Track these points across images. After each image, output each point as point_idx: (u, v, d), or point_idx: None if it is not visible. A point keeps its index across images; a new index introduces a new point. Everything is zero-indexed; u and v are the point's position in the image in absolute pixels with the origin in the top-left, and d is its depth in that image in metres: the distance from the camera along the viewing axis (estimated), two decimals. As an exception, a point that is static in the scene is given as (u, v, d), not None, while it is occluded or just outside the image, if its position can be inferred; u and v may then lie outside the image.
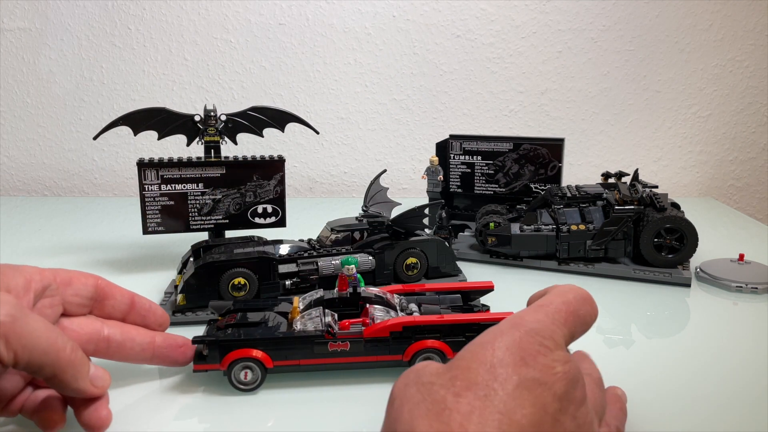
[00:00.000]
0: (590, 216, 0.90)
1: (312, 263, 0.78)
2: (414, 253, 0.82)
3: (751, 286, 0.83)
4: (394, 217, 0.83)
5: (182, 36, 1.34)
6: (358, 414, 0.56)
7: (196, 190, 0.86)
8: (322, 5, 1.34)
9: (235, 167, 0.87)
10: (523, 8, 1.35)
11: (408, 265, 0.82)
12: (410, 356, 0.60)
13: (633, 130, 1.41)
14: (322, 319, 0.61)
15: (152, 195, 0.85)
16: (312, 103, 1.38)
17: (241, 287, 0.74)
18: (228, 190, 0.87)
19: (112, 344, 0.57)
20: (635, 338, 0.72)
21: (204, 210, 0.87)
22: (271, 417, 0.56)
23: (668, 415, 0.56)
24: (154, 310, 0.61)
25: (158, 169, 0.85)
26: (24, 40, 1.33)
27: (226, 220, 0.88)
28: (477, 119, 1.39)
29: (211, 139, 0.87)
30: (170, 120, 0.87)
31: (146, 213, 0.85)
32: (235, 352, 0.58)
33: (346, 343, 0.59)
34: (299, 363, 0.60)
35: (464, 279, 0.85)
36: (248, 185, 0.88)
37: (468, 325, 0.61)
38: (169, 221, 0.86)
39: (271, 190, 0.89)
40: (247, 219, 0.89)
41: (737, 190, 1.46)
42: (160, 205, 0.86)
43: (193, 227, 0.88)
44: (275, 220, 0.90)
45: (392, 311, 0.63)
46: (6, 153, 1.37)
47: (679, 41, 1.37)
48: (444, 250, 0.83)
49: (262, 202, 0.89)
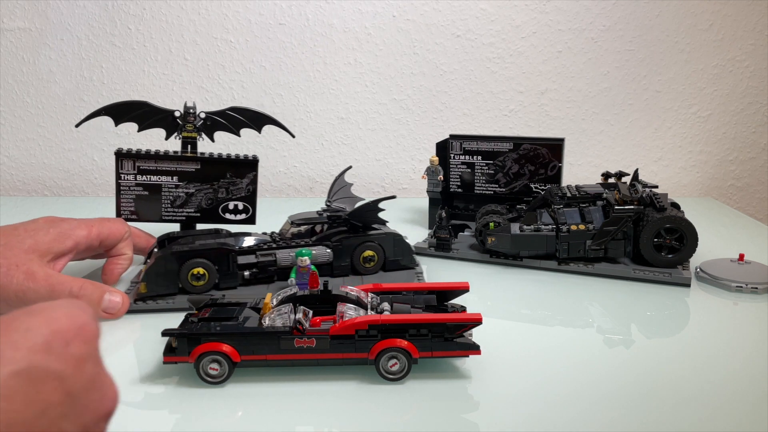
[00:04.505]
0: (590, 216, 0.90)
1: (271, 255, 0.81)
2: (371, 246, 0.85)
3: (751, 286, 0.83)
4: (351, 211, 0.86)
5: (182, 36, 1.34)
6: (322, 409, 0.57)
7: (171, 182, 0.90)
8: (322, 5, 1.34)
9: (209, 163, 0.90)
10: (523, 8, 1.35)
11: (365, 257, 0.85)
12: (375, 354, 0.61)
13: (633, 130, 1.41)
14: (290, 315, 0.62)
15: (128, 184, 0.89)
16: (312, 103, 1.38)
17: (201, 277, 0.78)
18: (201, 185, 0.91)
19: None
20: (635, 338, 0.72)
21: (177, 202, 0.91)
22: (240, 409, 0.57)
23: (668, 414, 0.56)
24: (115, 273, 0.81)
25: (135, 160, 0.88)
26: (24, 40, 1.33)
27: (197, 214, 0.92)
28: (477, 119, 1.39)
29: (188, 135, 0.90)
30: (151, 114, 0.90)
31: (120, 201, 0.89)
32: (203, 346, 0.60)
33: (312, 340, 0.60)
34: (266, 358, 0.61)
35: (421, 272, 0.87)
36: (221, 182, 0.91)
37: (434, 324, 0.61)
38: (142, 210, 0.90)
39: (243, 188, 0.92)
40: (218, 214, 0.92)
41: (737, 190, 1.46)
42: (134, 194, 0.89)
43: (166, 218, 0.91)
44: (246, 217, 0.93)
45: (362, 310, 0.64)
46: (6, 153, 1.37)
47: (679, 41, 1.37)
48: (401, 243, 0.87)
49: (233, 198, 0.92)
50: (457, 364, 0.64)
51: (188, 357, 0.60)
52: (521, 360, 0.66)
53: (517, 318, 0.77)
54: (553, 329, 0.74)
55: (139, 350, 0.67)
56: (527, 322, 0.76)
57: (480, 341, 0.63)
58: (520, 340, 0.71)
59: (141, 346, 0.68)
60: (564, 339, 0.71)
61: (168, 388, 0.60)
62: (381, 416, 0.56)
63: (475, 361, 0.64)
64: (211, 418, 0.56)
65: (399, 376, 0.61)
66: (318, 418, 0.56)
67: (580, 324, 0.75)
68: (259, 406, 0.58)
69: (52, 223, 0.76)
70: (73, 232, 0.76)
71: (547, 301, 0.82)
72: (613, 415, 0.56)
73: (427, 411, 0.57)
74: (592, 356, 0.67)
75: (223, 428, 0.55)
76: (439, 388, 0.60)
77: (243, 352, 0.60)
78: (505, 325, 0.74)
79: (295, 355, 0.61)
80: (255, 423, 0.55)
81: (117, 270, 0.82)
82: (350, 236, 0.84)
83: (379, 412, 0.57)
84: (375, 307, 0.65)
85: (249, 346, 0.60)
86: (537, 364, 0.66)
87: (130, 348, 0.69)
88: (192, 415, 0.56)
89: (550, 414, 0.57)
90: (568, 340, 0.71)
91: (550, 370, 0.64)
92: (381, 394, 0.59)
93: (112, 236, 0.80)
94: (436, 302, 0.69)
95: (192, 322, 0.63)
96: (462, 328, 0.61)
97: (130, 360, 0.65)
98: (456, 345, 0.62)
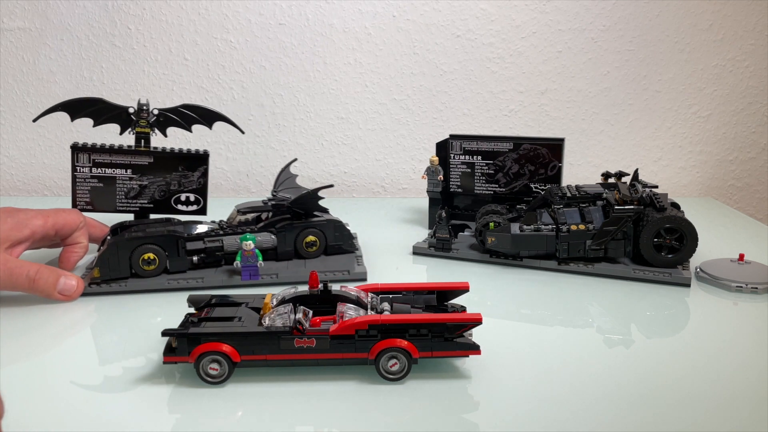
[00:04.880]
0: (590, 216, 0.90)
1: (218, 241, 0.88)
2: (313, 232, 0.91)
3: (751, 286, 0.83)
4: (293, 199, 0.91)
5: (182, 36, 1.34)
6: (322, 409, 0.57)
7: (125, 175, 0.94)
8: (322, 5, 1.34)
9: (162, 157, 0.94)
10: (523, 8, 1.35)
11: (307, 242, 0.91)
12: (375, 354, 0.60)
13: (633, 130, 1.41)
14: (290, 315, 0.62)
15: (83, 176, 0.93)
16: (312, 103, 1.38)
17: (151, 261, 0.84)
18: (154, 178, 0.95)
19: None
20: (635, 338, 0.72)
21: (131, 194, 0.94)
22: (239, 409, 0.57)
23: (668, 414, 0.56)
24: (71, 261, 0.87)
25: (90, 154, 0.92)
26: (24, 40, 1.33)
27: (150, 205, 0.95)
28: (477, 119, 1.39)
29: (141, 130, 0.94)
30: (106, 110, 0.94)
31: (76, 192, 0.93)
32: (203, 346, 0.60)
33: (312, 340, 0.60)
34: (266, 358, 0.61)
35: (360, 255, 0.94)
36: (173, 174, 0.95)
37: (434, 324, 0.61)
38: (97, 201, 0.94)
39: (195, 180, 0.96)
40: (170, 205, 0.96)
41: (737, 190, 1.46)
42: (89, 186, 0.93)
43: (120, 209, 0.95)
44: (197, 208, 0.97)
45: (362, 310, 0.64)
46: (6, 153, 1.37)
47: (679, 41, 1.37)
48: (341, 229, 0.93)
49: (185, 191, 0.96)
50: (457, 364, 0.64)
51: (188, 357, 0.60)
52: (521, 360, 0.66)
53: (517, 318, 0.77)
54: (553, 329, 0.74)
55: (139, 350, 0.67)
56: (527, 322, 0.76)
57: (480, 341, 0.63)
58: (520, 340, 0.71)
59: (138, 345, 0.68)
60: (564, 339, 0.71)
61: (168, 388, 0.60)
62: (381, 416, 0.56)
63: (475, 361, 0.64)
64: (211, 418, 0.56)
65: (399, 376, 0.61)
66: (318, 418, 0.56)
67: (580, 324, 0.75)
68: (259, 406, 0.58)
69: (9, 213, 0.81)
70: (30, 222, 0.82)
71: (547, 301, 0.82)
72: (613, 414, 0.56)
73: (427, 411, 0.57)
74: (592, 356, 0.67)
75: (223, 428, 0.55)
76: (439, 388, 0.60)
77: (243, 352, 0.60)
78: (505, 325, 0.74)
79: (295, 355, 0.61)
80: (255, 423, 0.55)
81: (73, 258, 0.87)
82: (293, 223, 0.91)
83: (379, 412, 0.57)
84: (375, 307, 0.65)
85: (249, 346, 0.60)
86: (537, 364, 0.66)
87: (129, 348, 0.69)
88: (192, 415, 0.56)
89: (549, 414, 0.57)
90: (568, 340, 0.71)
91: (550, 370, 0.64)
92: (381, 394, 0.59)
93: (68, 226, 0.86)
94: (436, 302, 0.69)
95: (192, 322, 0.63)
96: (462, 328, 0.61)
97: (129, 360, 0.65)
98: (456, 345, 0.62)
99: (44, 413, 0.56)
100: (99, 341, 0.69)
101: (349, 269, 0.88)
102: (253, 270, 0.85)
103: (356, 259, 0.93)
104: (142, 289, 0.84)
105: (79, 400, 0.59)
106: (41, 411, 0.57)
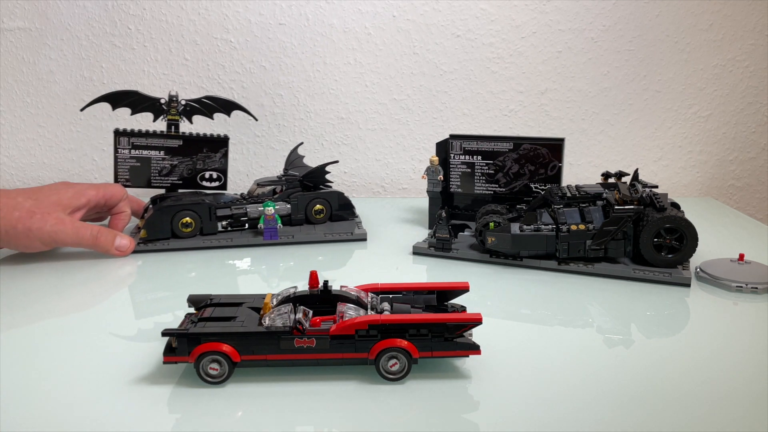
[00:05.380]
0: (590, 216, 0.90)
1: (242, 208, 1.06)
2: (320, 202, 1.09)
3: (751, 286, 0.83)
4: (304, 174, 1.10)
5: (182, 36, 1.34)
6: (322, 409, 0.57)
7: (158, 156, 1.09)
8: (322, 5, 1.34)
9: (189, 141, 1.10)
10: (523, 8, 1.35)
11: (316, 210, 1.09)
12: (375, 354, 0.60)
13: (633, 130, 1.41)
14: (290, 315, 0.62)
15: (123, 157, 1.08)
16: (312, 103, 1.38)
17: (188, 225, 1.02)
18: (183, 158, 1.10)
19: None
20: (635, 338, 0.72)
21: (163, 172, 1.10)
22: (239, 409, 0.57)
23: (668, 414, 0.56)
24: (121, 224, 1.04)
25: (129, 137, 1.08)
26: (24, 40, 1.33)
27: (180, 181, 1.11)
28: (477, 119, 1.39)
29: (172, 118, 1.10)
30: (141, 101, 1.10)
31: (117, 170, 1.08)
32: (203, 346, 0.60)
33: (312, 340, 0.60)
34: (266, 358, 0.61)
35: (360, 221, 1.11)
36: (199, 155, 1.11)
37: (434, 324, 0.61)
38: (135, 178, 1.09)
39: (217, 160, 1.12)
40: (196, 182, 1.12)
41: (737, 190, 1.46)
42: (129, 165, 1.09)
43: (154, 184, 1.11)
44: (219, 184, 1.13)
45: (362, 309, 0.64)
46: (6, 153, 1.37)
47: (679, 41, 1.37)
48: (343, 199, 1.11)
49: (209, 169, 1.12)
50: (457, 364, 0.64)
51: (188, 357, 0.60)
52: (521, 360, 0.66)
53: (517, 318, 0.77)
54: (553, 329, 0.74)
55: (139, 350, 0.67)
56: (527, 322, 0.76)
57: (480, 341, 0.63)
58: (520, 340, 0.71)
59: (140, 337, 0.68)
60: (564, 339, 0.71)
61: (168, 388, 0.60)
62: (381, 416, 0.56)
63: (475, 361, 0.64)
64: (211, 418, 0.56)
65: (399, 376, 0.61)
66: (318, 418, 0.56)
67: (580, 324, 0.75)
68: (259, 406, 0.58)
69: (67, 185, 0.98)
70: (86, 192, 0.98)
71: (547, 301, 0.82)
72: (613, 414, 0.56)
73: (427, 411, 0.57)
74: (591, 356, 0.67)
75: (223, 428, 0.55)
76: (438, 388, 0.60)
77: (243, 352, 0.60)
78: (505, 325, 0.74)
79: (295, 355, 0.61)
80: (255, 423, 0.55)
81: (121, 223, 1.04)
82: (304, 194, 1.09)
83: (379, 412, 0.57)
84: (375, 306, 0.65)
85: (249, 346, 0.60)
86: (536, 364, 0.66)
87: (129, 347, 0.69)
88: (192, 415, 0.56)
89: (549, 414, 0.57)
90: (568, 340, 0.71)
91: (550, 370, 0.64)
92: (381, 394, 0.59)
93: (114, 197, 1.02)
94: (436, 302, 0.69)
95: (192, 322, 0.63)
96: (462, 328, 0.61)
97: (129, 360, 0.65)
98: (456, 345, 0.61)
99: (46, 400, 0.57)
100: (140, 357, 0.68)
101: (352, 231, 1.06)
102: (273, 231, 1.02)
103: (356, 224, 1.10)
104: (180, 248, 1.01)
105: (77, 400, 0.59)
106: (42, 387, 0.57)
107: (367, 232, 1.06)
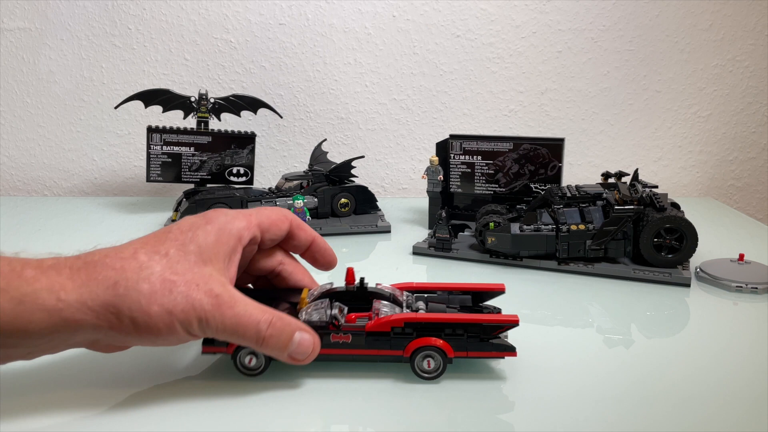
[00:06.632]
0: (590, 216, 0.90)
1: (273, 202, 1.09)
2: (345, 195, 1.13)
3: (751, 286, 0.83)
4: (331, 168, 1.14)
5: (182, 36, 1.34)
6: (356, 407, 0.57)
7: (188, 152, 1.14)
8: (322, 5, 1.34)
9: (218, 137, 1.16)
10: (523, 8, 1.35)
11: (341, 203, 1.13)
12: (410, 352, 0.60)
13: (633, 130, 1.41)
14: (327, 310, 0.61)
15: (155, 153, 1.13)
16: (312, 103, 1.38)
17: None
18: (212, 154, 1.15)
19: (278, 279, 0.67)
20: (635, 338, 0.72)
21: (193, 167, 1.15)
22: (273, 405, 0.57)
23: (668, 414, 0.56)
24: (328, 252, 0.68)
25: (162, 134, 1.13)
26: (24, 40, 1.33)
27: (209, 176, 1.16)
28: (477, 119, 1.39)
29: (201, 116, 1.15)
30: (172, 99, 1.16)
31: (150, 166, 1.13)
32: None
33: (348, 336, 0.60)
34: None
35: (383, 214, 1.14)
36: (227, 151, 1.16)
37: (469, 324, 0.61)
38: (166, 173, 1.14)
39: (244, 156, 1.17)
40: (224, 177, 1.17)
41: (737, 190, 1.46)
42: (161, 161, 1.14)
43: (184, 179, 1.15)
44: (246, 180, 1.18)
45: (398, 307, 0.63)
46: (6, 153, 1.37)
47: (679, 41, 1.37)
48: (367, 193, 1.15)
49: (236, 165, 1.17)
50: (493, 365, 0.63)
51: (226, 348, 0.60)
52: (520, 360, 0.66)
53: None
54: (553, 329, 0.74)
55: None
56: (527, 322, 0.76)
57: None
58: (519, 340, 0.71)
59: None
60: (563, 339, 0.71)
61: (201, 381, 0.60)
62: (414, 415, 0.56)
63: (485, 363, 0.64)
64: (243, 414, 0.55)
65: (433, 375, 0.60)
66: (353, 415, 0.56)
67: (580, 324, 0.75)
68: (293, 402, 0.57)
69: (207, 220, 0.59)
70: (232, 225, 0.59)
71: (547, 301, 0.82)
72: (613, 415, 0.56)
73: (461, 411, 0.56)
74: (591, 356, 0.67)
75: (256, 424, 0.54)
76: (473, 389, 0.60)
77: None
78: (505, 325, 0.74)
79: (331, 350, 0.60)
80: (288, 418, 0.55)
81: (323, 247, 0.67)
82: (330, 187, 1.13)
83: (413, 412, 0.56)
84: (410, 305, 0.65)
85: None
86: (535, 364, 0.65)
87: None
88: (223, 410, 0.56)
89: (548, 414, 0.57)
90: (568, 340, 0.71)
91: (549, 370, 0.64)
92: (415, 392, 0.59)
93: (275, 225, 0.64)
94: (471, 303, 0.68)
95: None
96: (498, 329, 0.61)
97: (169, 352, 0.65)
98: (491, 346, 0.61)
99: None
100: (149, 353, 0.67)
101: (376, 223, 1.10)
102: None
103: (380, 217, 1.14)
104: None
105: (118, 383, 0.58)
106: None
107: (390, 225, 1.09)
